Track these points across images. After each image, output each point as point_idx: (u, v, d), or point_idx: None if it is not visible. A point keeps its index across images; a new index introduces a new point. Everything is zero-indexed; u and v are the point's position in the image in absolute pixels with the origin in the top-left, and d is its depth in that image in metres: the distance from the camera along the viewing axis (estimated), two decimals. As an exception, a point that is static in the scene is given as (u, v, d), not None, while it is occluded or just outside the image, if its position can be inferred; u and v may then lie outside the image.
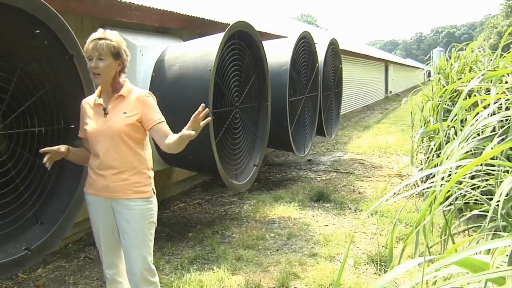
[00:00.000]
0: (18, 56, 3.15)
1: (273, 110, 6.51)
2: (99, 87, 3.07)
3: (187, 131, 2.81)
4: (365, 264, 4.61)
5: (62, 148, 2.98)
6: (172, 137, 2.93)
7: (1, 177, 3.11)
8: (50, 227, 3.26)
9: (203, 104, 2.83)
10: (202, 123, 2.81)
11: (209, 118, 2.83)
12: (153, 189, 3.11)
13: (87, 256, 4.97)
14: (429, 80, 14.99)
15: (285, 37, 9.29)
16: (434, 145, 5.41)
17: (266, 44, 6.58)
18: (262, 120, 6.39)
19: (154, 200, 3.13)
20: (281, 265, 4.60)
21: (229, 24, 5.38)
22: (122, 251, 3.16)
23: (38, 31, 3.11)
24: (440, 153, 4.46)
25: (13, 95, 3.16)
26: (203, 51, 5.13)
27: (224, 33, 5.13)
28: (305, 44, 8.02)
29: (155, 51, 5.53)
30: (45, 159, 2.85)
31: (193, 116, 2.79)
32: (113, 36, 2.94)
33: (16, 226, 3.16)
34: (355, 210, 6.44)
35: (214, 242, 5.15)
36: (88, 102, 3.11)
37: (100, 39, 2.89)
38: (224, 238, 5.40)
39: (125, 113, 2.97)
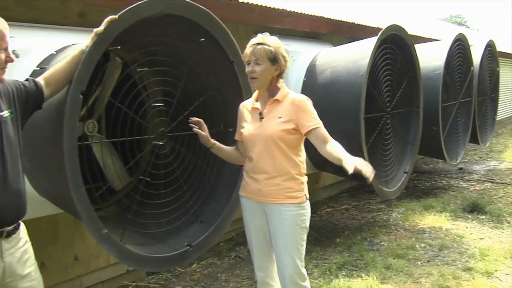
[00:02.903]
0: (185, 63, 3.35)
1: (424, 116, 6.27)
2: (257, 91, 3.14)
3: (348, 164, 2.70)
4: (529, 284, 4.27)
5: (209, 137, 3.16)
6: (332, 149, 2.87)
7: (167, 176, 3.33)
8: (209, 226, 3.41)
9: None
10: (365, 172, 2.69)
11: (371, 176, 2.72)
12: (305, 195, 3.07)
13: (238, 256, 5.15)
14: None
15: (436, 39, 8.90)
16: None
17: (418, 48, 6.36)
18: (413, 126, 6.18)
19: (307, 205, 3.09)
20: (433, 277, 4.42)
21: (379, 28, 5.30)
22: (273, 254, 3.18)
23: (202, 39, 3.28)
24: None
25: (178, 99, 3.37)
26: (355, 56, 5.09)
27: (377, 37, 5.04)
28: (459, 47, 7.62)
29: (306, 57, 5.59)
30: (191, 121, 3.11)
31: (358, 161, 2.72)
32: (272, 42, 2.97)
33: (180, 223, 3.37)
34: (514, 224, 5.99)
35: (362, 249, 5.09)
36: (246, 106, 3.19)
37: (258, 44, 2.95)
38: (372, 245, 5.31)
39: (280, 117, 2.97)
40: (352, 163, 2.68)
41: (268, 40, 2.98)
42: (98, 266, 4.30)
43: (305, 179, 3.12)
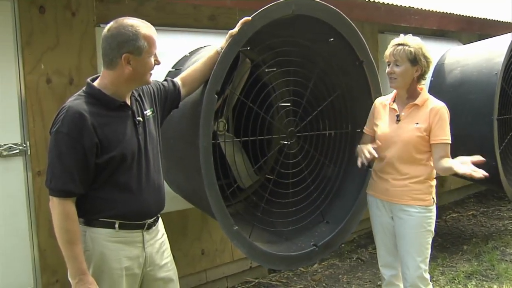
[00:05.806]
0: (315, 63, 3.35)
1: None
2: (394, 91, 3.11)
3: (455, 166, 2.74)
4: None
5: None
6: (446, 162, 2.87)
7: (295, 176, 3.35)
8: (334, 227, 3.39)
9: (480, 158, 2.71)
10: (476, 174, 2.62)
11: (485, 174, 2.62)
12: (433, 198, 3.05)
13: (359, 258, 5.09)
14: None
15: None
16: None
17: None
18: (551, 128, 5.73)
19: (434, 209, 3.07)
20: None
21: (513, 23, 4.97)
22: None
23: (332, 39, 3.27)
24: None
25: (307, 99, 3.39)
26: (488, 54, 4.83)
27: (512, 33, 4.76)
28: None
29: (434, 55, 5.37)
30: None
31: (468, 159, 2.72)
32: (413, 42, 2.94)
33: (306, 223, 3.38)
34: None
35: (494, 258, 4.80)
36: (382, 103, 3.19)
37: (399, 44, 2.94)
38: (504, 255, 5.00)
39: (417, 123, 2.96)
40: (455, 166, 2.74)
41: (409, 41, 2.98)
42: (223, 261, 4.43)
43: (434, 182, 3.10)
